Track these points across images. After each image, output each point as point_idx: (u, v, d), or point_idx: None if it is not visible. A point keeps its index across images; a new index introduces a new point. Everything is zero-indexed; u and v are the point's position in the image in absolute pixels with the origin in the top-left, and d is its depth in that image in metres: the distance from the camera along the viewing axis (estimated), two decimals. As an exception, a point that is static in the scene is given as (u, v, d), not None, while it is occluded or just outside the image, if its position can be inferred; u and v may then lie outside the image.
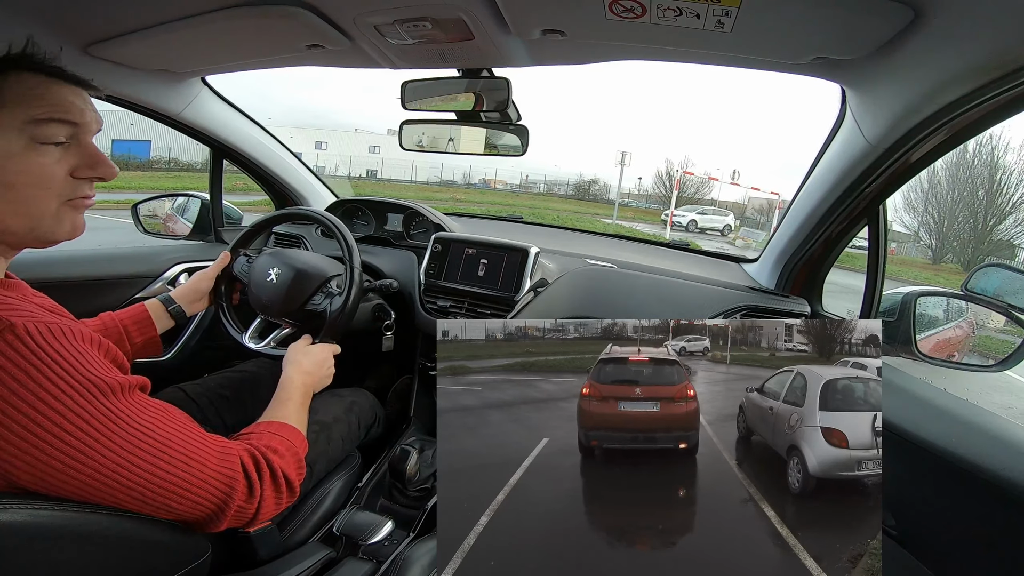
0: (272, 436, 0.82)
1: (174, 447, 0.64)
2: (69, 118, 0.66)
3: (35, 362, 0.55)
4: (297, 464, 0.82)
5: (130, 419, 0.61)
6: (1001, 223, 17.93)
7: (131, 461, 0.60)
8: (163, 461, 0.63)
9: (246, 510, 0.72)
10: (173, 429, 0.66)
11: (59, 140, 0.66)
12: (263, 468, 0.74)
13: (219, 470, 0.68)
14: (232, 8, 0.98)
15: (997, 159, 17.91)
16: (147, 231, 1.88)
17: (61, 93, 0.67)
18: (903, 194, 17.95)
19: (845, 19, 0.75)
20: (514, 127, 1.32)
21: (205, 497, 0.67)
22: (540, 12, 0.90)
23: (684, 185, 26.14)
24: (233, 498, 0.69)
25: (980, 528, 0.77)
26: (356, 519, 1.04)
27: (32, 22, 1.03)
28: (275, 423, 0.87)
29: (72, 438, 0.56)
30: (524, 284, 1.44)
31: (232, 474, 0.69)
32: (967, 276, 1.13)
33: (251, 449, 0.75)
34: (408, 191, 22.81)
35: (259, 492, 0.72)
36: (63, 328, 0.60)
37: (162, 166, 18.82)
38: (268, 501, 0.74)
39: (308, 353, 1.10)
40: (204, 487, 0.66)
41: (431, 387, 1.64)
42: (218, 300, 1.31)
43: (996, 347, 2.97)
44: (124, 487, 0.60)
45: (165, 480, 0.63)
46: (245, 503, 0.71)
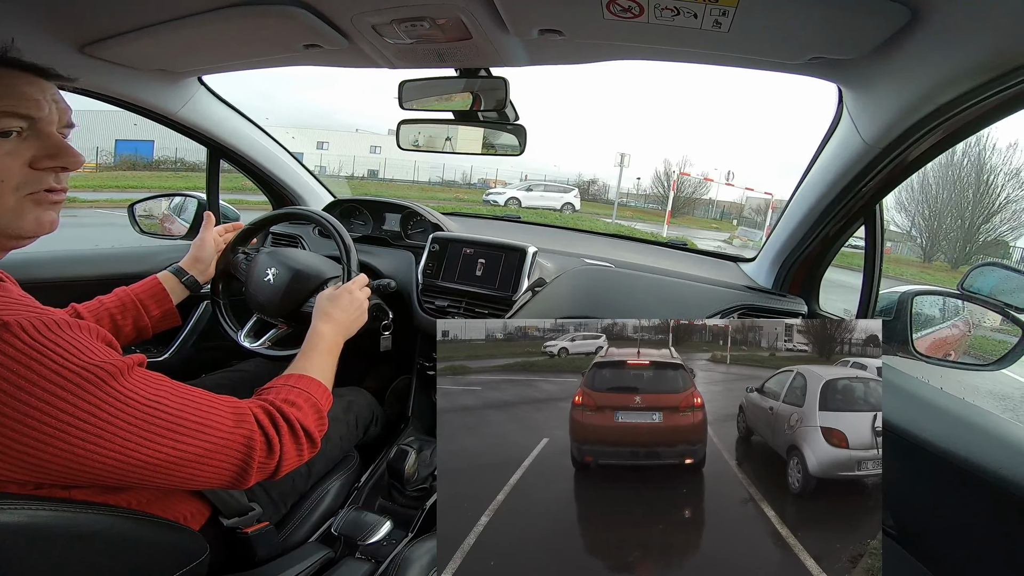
0: (290, 389, 0.81)
1: (188, 416, 0.64)
2: (21, 110, 0.63)
3: (36, 356, 0.54)
4: (317, 415, 0.81)
5: (140, 397, 0.61)
6: (988, 222, 18.42)
7: (149, 437, 0.60)
8: (181, 431, 0.63)
9: (268, 465, 0.72)
10: (182, 399, 0.66)
11: (10, 131, 0.62)
12: (280, 422, 0.74)
13: (236, 431, 0.68)
14: (229, 8, 0.98)
15: (984, 160, 18.42)
16: (143, 231, 1.87)
17: (15, 84, 0.63)
18: (895, 194, 18.35)
19: (842, 19, 0.76)
20: (512, 127, 1.31)
21: (227, 460, 0.67)
22: (538, 12, 0.90)
23: (681, 186, 26.18)
24: (253, 457, 0.69)
25: (978, 527, 0.77)
26: (354, 519, 1.04)
27: (27, 21, 1.02)
28: (294, 375, 0.85)
29: (89, 425, 0.56)
30: (522, 284, 1.44)
31: (249, 433, 0.69)
32: (963, 275, 1.13)
33: (264, 405, 0.75)
34: (411, 191, 22.83)
35: (279, 447, 0.72)
36: (55, 320, 0.59)
37: (169, 166, 18.77)
38: (289, 454, 0.74)
39: (334, 299, 1.06)
40: (224, 451, 0.66)
41: (429, 387, 1.64)
42: (215, 297, 1.31)
43: (992, 346, 2.98)
44: (149, 464, 0.60)
45: (187, 450, 0.63)
46: (266, 459, 0.71)
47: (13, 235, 0.66)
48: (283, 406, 0.76)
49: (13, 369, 0.53)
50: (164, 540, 0.70)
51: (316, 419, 0.80)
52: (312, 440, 0.78)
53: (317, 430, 0.79)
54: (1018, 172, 18.02)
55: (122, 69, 1.27)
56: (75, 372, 0.56)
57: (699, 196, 28.29)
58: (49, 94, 0.68)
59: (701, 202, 28.53)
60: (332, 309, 1.04)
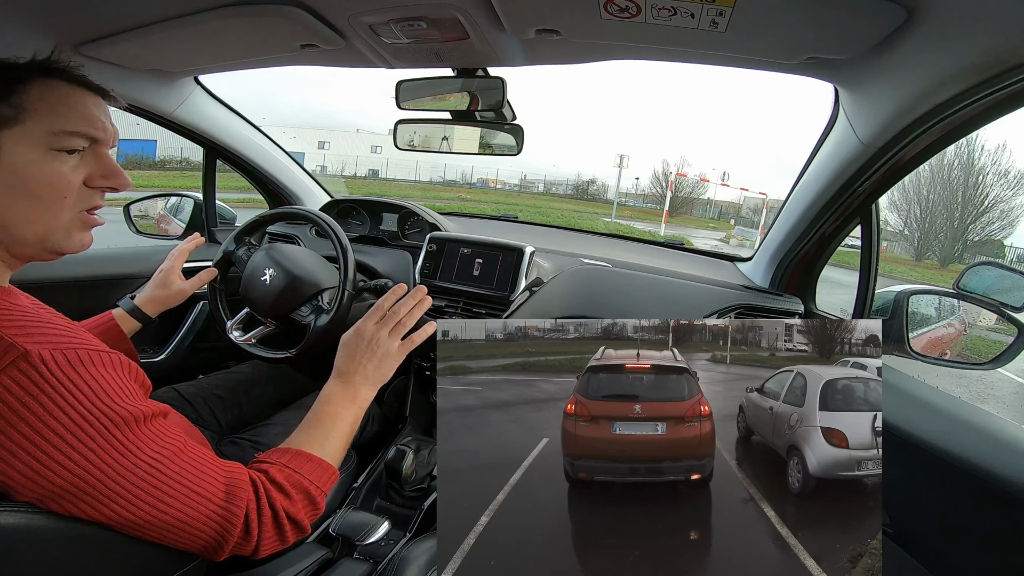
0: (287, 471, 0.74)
1: (182, 482, 0.62)
2: (91, 132, 0.65)
3: (49, 392, 0.53)
4: (310, 504, 0.74)
5: (140, 452, 0.59)
6: (975, 222, 19.07)
7: (132, 493, 0.58)
8: (166, 496, 0.60)
9: (244, 547, 0.68)
10: (183, 463, 0.63)
11: (77, 148, 0.64)
12: (264, 510, 0.69)
13: (222, 506, 0.65)
14: (225, 7, 0.97)
15: (973, 162, 19.01)
16: (139, 231, 1.86)
17: (86, 104, 0.65)
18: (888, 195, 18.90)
19: (838, 19, 0.76)
20: (509, 126, 1.31)
21: (201, 532, 0.64)
22: (535, 12, 0.90)
23: (678, 186, 26.29)
24: (228, 539, 0.65)
25: (977, 527, 0.77)
26: (352, 519, 1.04)
27: (23, 21, 1.01)
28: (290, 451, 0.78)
29: (75, 466, 0.54)
30: (519, 284, 1.44)
31: (235, 511, 0.65)
32: (959, 274, 1.14)
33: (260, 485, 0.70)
34: (413, 191, 22.91)
35: (256, 533, 0.67)
36: (79, 356, 0.57)
37: (174, 165, 18.71)
38: (268, 540, 0.69)
39: (345, 348, 0.91)
40: (203, 523, 0.63)
41: (427, 387, 1.64)
42: (213, 284, 1.31)
43: (988, 345, 3.00)
44: (121, 517, 0.58)
45: (166, 514, 0.61)
46: (242, 540, 0.67)
47: (55, 250, 0.66)
48: (272, 492, 0.70)
49: (21, 399, 0.52)
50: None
51: (306, 508, 0.73)
52: (300, 528, 0.72)
53: (307, 517, 0.73)
54: (1006, 173, 18.57)
55: (117, 69, 1.26)
56: (81, 414, 0.55)
57: (696, 196, 28.41)
58: (107, 114, 0.69)
59: (699, 202, 28.66)
60: (341, 362, 0.91)
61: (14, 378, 0.52)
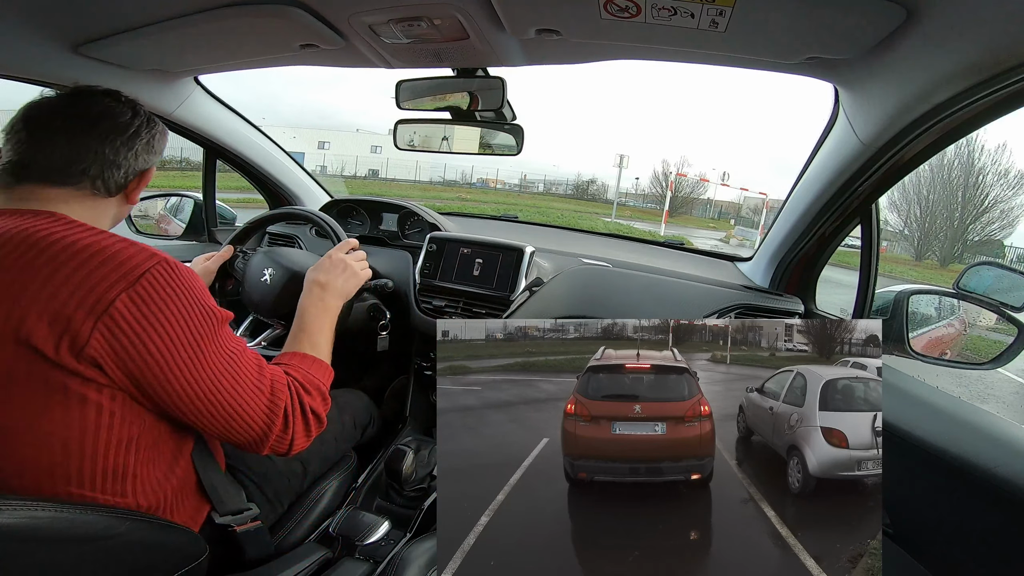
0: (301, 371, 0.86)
1: (246, 374, 0.74)
2: None
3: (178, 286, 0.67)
4: (322, 398, 0.86)
5: (225, 346, 0.72)
6: (975, 222, 19.17)
7: (216, 379, 0.70)
8: (239, 385, 0.72)
9: (282, 441, 0.78)
10: (247, 359, 0.75)
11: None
12: (296, 406, 0.79)
13: (270, 399, 0.75)
14: (225, 7, 0.97)
15: (973, 162, 19.10)
16: (139, 231, 1.86)
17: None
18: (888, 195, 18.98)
19: (838, 19, 0.76)
20: (509, 126, 1.31)
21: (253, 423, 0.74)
22: (535, 12, 0.90)
23: (678, 186, 26.30)
24: (271, 432, 0.75)
25: (976, 527, 0.77)
26: (352, 519, 1.04)
27: (23, 21, 1.01)
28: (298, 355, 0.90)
29: (184, 351, 0.67)
30: (519, 283, 1.44)
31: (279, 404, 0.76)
32: (959, 274, 1.14)
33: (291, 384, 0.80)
34: (413, 191, 22.90)
35: (291, 427, 0.78)
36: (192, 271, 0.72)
37: (174, 165, 18.71)
38: (300, 435, 0.80)
39: (318, 268, 1.07)
40: (256, 414, 0.74)
41: (427, 387, 1.64)
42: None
43: (987, 345, 3.00)
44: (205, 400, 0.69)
45: (234, 402, 0.71)
46: (281, 434, 0.77)
47: None
48: (300, 392, 0.82)
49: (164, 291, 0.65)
50: (163, 541, 0.69)
51: (322, 401, 0.85)
52: (320, 420, 0.84)
53: (323, 410, 0.85)
54: (1006, 173, 18.61)
55: (117, 69, 1.26)
56: (200, 308, 0.69)
57: (696, 196, 28.42)
58: None
59: (699, 202, 28.67)
60: (317, 275, 1.05)
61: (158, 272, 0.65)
